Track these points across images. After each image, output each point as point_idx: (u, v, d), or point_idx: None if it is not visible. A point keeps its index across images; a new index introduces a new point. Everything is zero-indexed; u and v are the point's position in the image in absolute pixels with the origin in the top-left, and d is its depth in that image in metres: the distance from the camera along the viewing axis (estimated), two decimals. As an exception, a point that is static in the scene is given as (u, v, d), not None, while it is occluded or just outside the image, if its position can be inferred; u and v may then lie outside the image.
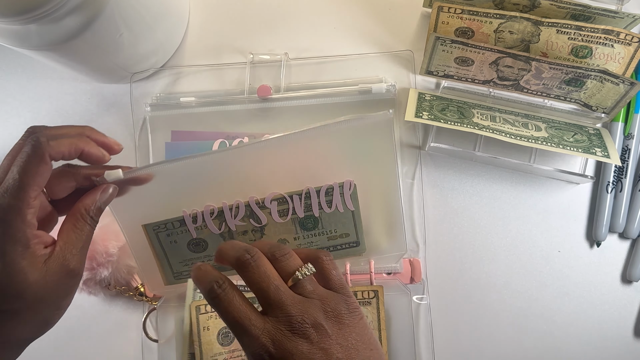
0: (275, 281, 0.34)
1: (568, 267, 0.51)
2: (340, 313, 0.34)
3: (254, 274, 0.34)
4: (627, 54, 0.47)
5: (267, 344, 0.32)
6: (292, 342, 0.32)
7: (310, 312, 0.33)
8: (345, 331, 0.34)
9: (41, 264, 0.34)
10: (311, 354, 0.32)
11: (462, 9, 0.47)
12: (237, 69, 0.53)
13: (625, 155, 0.50)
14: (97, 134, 0.38)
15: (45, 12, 0.36)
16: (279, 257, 0.35)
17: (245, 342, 0.33)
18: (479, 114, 0.49)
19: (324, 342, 0.33)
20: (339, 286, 0.36)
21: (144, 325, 0.50)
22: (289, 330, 0.32)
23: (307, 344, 0.32)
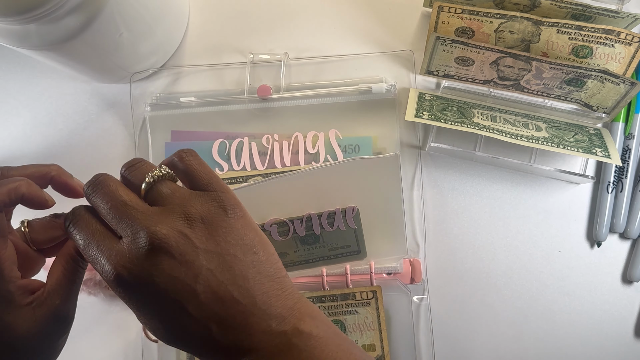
0: (121, 196, 0.29)
1: (568, 267, 0.51)
2: (209, 215, 0.29)
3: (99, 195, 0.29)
4: (627, 54, 0.47)
5: (119, 268, 0.27)
6: (148, 260, 0.27)
7: (168, 222, 0.28)
8: (218, 235, 0.28)
9: (29, 314, 0.32)
10: (173, 271, 0.27)
11: (463, 9, 0.47)
12: (237, 68, 0.53)
13: (625, 155, 0.50)
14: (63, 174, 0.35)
15: (45, 11, 0.36)
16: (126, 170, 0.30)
17: (98, 269, 0.29)
18: (479, 114, 0.48)
19: (188, 253, 0.28)
20: (206, 183, 0.30)
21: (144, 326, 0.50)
22: (143, 247, 0.27)
23: (167, 259, 0.27)
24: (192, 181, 0.30)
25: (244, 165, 0.51)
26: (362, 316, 0.47)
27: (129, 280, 0.27)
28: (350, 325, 0.47)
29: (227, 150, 0.51)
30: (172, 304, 0.28)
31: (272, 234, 0.42)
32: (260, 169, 0.50)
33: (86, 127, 0.54)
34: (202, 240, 0.28)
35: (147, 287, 0.28)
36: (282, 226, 0.41)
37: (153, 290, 0.27)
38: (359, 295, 0.47)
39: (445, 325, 0.50)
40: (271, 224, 0.41)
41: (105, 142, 0.53)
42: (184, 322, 0.28)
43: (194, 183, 0.30)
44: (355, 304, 0.47)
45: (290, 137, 0.51)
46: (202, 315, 0.28)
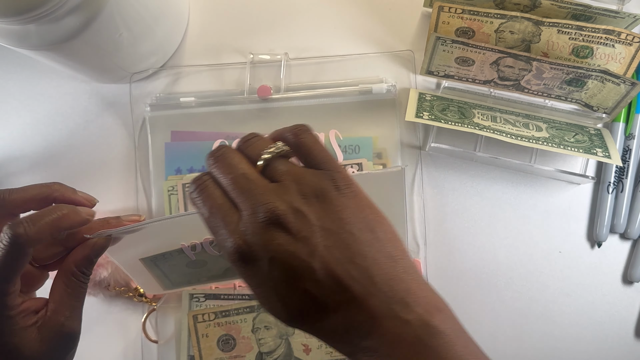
0: (240, 170, 0.29)
1: (569, 267, 0.51)
2: (324, 192, 0.29)
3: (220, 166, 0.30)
4: (628, 54, 0.47)
5: (239, 241, 0.27)
6: (266, 234, 0.27)
7: (284, 197, 0.28)
8: (333, 213, 0.28)
9: (35, 334, 0.32)
10: (290, 245, 0.27)
11: (463, 9, 0.47)
12: (237, 69, 0.53)
13: (626, 155, 0.50)
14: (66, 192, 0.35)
15: (45, 12, 0.36)
16: (243, 144, 0.31)
17: (220, 242, 0.29)
18: (479, 114, 0.48)
19: (304, 229, 0.27)
20: (322, 161, 0.30)
21: (144, 326, 0.50)
22: (262, 222, 0.27)
23: (284, 234, 0.27)
24: (307, 158, 0.30)
25: (244, 166, 0.51)
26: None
27: (248, 254, 0.27)
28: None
29: (227, 151, 0.51)
30: (289, 279, 0.27)
31: None
32: (260, 169, 0.50)
33: (86, 127, 0.54)
34: (317, 217, 0.28)
35: (264, 261, 0.27)
36: None
37: (270, 264, 0.27)
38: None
39: (445, 326, 0.50)
40: None
41: (105, 142, 0.53)
42: (301, 299, 0.27)
43: (309, 160, 0.30)
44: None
45: (290, 138, 0.51)
46: (320, 293, 0.27)
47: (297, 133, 0.31)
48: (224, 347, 0.48)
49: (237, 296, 0.49)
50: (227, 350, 0.48)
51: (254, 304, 0.48)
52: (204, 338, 0.48)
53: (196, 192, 0.30)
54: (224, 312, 0.48)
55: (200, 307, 0.48)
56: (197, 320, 0.48)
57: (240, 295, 0.49)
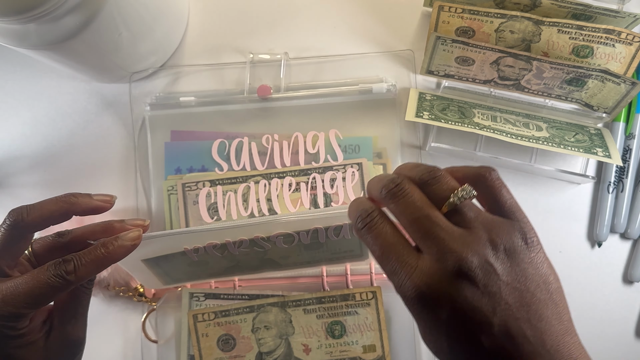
0: (426, 210, 0.28)
1: (569, 267, 0.51)
2: (514, 246, 0.27)
3: (401, 204, 0.28)
4: (628, 54, 0.47)
5: (422, 286, 0.27)
6: (453, 285, 0.26)
7: (475, 248, 0.27)
8: (519, 269, 0.27)
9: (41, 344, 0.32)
10: (475, 300, 0.26)
11: (463, 9, 0.47)
12: (237, 68, 0.53)
13: (626, 155, 0.50)
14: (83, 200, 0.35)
15: (44, 11, 0.36)
16: (429, 181, 0.29)
17: (395, 281, 0.28)
18: (479, 113, 0.48)
19: (491, 285, 0.26)
20: (510, 210, 0.29)
21: (143, 326, 0.50)
22: (449, 271, 0.26)
23: (471, 287, 0.26)
24: (495, 204, 0.29)
25: (243, 165, 0.51)
26: (362, 317, 0.47)
27: (429, 299, 0.27)
28: (350, 325, 0.47)
29: (226, 150, 0.51)
30: (466, 330, 0.27)
31: (277, 244, 0.42)
32: (260, 169, 0.50)
33: (85, 126, 0.53)
34: (505, 273, 0.27)
35: (445, 310, 0.27)
36: (288, 237, 0.41)
37: (451, 313, 0.27)
38: (358, 296, 0.47)
39: (445, 326, 0.50)
40: (277, 236, 0.41)
41: (105, 141, 0.53)
42: (472, 350, 0.27)
43: (496, 207, 0.29)
44: (355, 304, 0.47)
45: (290, 137, 0.51)
46: (492, 347, 0.27)
47: (488, 176, 0.29)
48: (223, 346, 0.48)
49: (237, 296, 0.49)
50: (227, 350, 0.48)
51: (254, 303, 0.48)
52: (203, 338, 0.48)
53: (365, 228, 0.29)
54: (224, 312, 0.48)
55: (200, 307, 0.48)
56: (197, 320, 0.48)
57: (240, 295, 0.49)
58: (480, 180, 0.29)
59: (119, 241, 0.32)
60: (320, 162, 0.50)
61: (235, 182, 0.50)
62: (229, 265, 0.44)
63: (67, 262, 0.31)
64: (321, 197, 0.50)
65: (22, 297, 0.30)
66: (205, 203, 0.50)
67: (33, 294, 0.30)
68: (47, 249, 0.35)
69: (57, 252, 0.35)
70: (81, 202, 0.34)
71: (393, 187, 0.29)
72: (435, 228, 0.27)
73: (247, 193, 0.50)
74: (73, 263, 0.31)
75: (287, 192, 0.50)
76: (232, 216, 0.50)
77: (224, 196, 0.50)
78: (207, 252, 0.41)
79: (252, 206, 0.50)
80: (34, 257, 0.35)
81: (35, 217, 0.33)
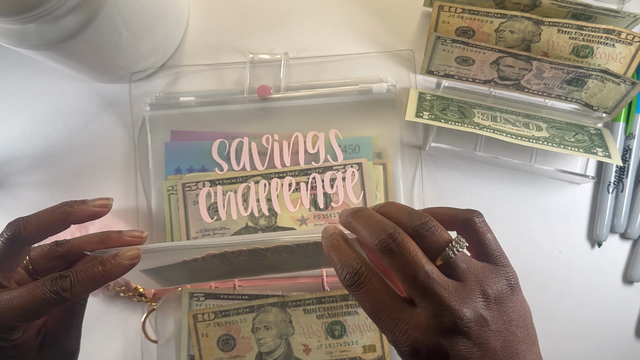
0: (424, 267, 0.28)
1: (569, 267, 0.51)
2: (502, 294, 0.29)
3: (398, 260, 0.28)
4: (628, 54, 0.47)
5: (417, 342, 0.27)
6: (448, 340, 0.27)
7: (470, 303, 0.28)
8: (505, 315, 0.29)
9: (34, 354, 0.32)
10: (467, 352, 0.27)
11: (463, 9, 0.47)
12: (237, 68, 0.53)
13: (626, 155, 0.50)
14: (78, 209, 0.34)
15: (44, 11, 0.36)
16: (422, 232, 0.29)
17: (389, 337, 0.29)
18: (479, 113, 0.48)
19: (482, 335, 0.28)
20: (496, 255, 0.30)
21: (143, 326, 0.50)
22: (445, 327, 0.27)
23: (465, 340, 0.27)
24: (482, 250, 0.30)
25: (243, 165, 0.51)
26: (362, 317, 0.47)
27: (424, 354, 0.27)
28: (350, 325, 0.47)
29: (226, 150, 0.51)
30: None
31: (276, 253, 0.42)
32: (260, 169, 0.50)
33: (85, 126, 0.53)
34: (494, 321, 0.28)
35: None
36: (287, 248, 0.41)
37: None
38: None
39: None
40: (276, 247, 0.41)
41: (105, 141, 0.53)
42: None
43: (483, 252, 0.30)
44: (355, 304, 0.47)
45: (290, 137, 0.51)
46: None
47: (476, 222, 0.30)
48: (223, 346, 0.48)
49: (237, 296, 0.49)
50: (227, 350, 0.48)
51: (254, 303, 0.48)
52: (203, 338, 0.48)
53: (354, 286, 0.29)
54: (224, 312, 0.48)
55: (200, 307, 0.48)
56: (197, 320, 0.48)
57: (240, 295, 0.49)
58: (469, 225, 0.30)
59: (117, 259, 0.32)
60: (320, 162, 0.50)
61: (235, 182, 0.50)
62: (229, 270, 0.44)
63: (64, 279, 0.31)
64: (321, 197, 0.50)
65: (15, 311, 0.30)
66: (205, 203, 0.50)
67: (27, 308, 0.30)
68: (44, 257, 0.34)
69: (54, 261, 0.34)
70: (77, 211, 0.34)
71: (390, 242, 0.29)
72: (432, 284, 0.28)
73: (247, 193, 0.50)
74: (70, 280, 0.31)
75: (287, 192, 0.50)
76: (232, 216, 0.50)
77: (224, 196, 0.50)
78: (206, 261, 0.41)
79: (252, 206, 0.50)
80: (30, 265, 0.34)
81: (32, 230, 0.32)
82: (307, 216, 0.50)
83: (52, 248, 0.34)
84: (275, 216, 0.50)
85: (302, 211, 0.50)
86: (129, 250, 0.32)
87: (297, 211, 0.50)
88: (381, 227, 0.29)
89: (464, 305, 0.27)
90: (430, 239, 0.29)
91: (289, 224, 0.50)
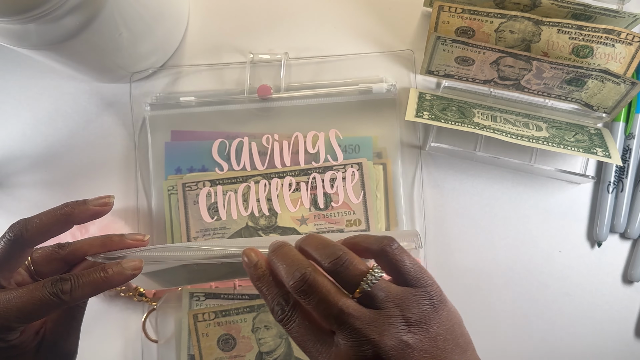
0: (337, 304, 0.29)
1: (569, 267, 0.51)
2: (424, 315, 0.29)
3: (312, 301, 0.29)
4: (628, 54, 0.47)
5: None
6: None
7: (390, 331, 0.28)
8: (430, 334, 0.29)
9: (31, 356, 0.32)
10: None
11: (463, 9, 0.47)
12: (237, 68, 0.53)
13: (626, 155, 0.50)
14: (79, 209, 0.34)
15: (45, 11, 0.36)
16: (337, 269, 0.30)
17: None
18: (479, 113, 0.48)
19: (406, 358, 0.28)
20: (415, 277, 0.30)
21: (144, 326, 0.50)
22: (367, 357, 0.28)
23: None
24: (400, 276, 0.30)
25: (244, 165, 0.51)
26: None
27: None
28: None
29: (227, 150, 0.51)
30: None
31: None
32: (260, 168, 0.50)
33: (86, 126, 0.54)
34: (418, 343, 0.28)
35: None
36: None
37: None
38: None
39: (445, 326, 0.50)
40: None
41: (105, 141, 0.53)
42: None
43: (401, 278, 0.30)
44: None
45: (290, 137, 0.51)
46: None
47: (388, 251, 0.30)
48: (224, 346, 0.48)
49: (237, 296, 0.49)
50: (227, 349, 0.48)
51: (254, 303, 0.48)
52: (204, 337, 0.48)
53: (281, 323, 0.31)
54: (224, 312, 0.48)
55: (201, 307, 0.48)
56: (197, 320, 0.48)
57: (240, 295, 0.49)
58: (383, 254, 0.30)
59: (119, 267, 0.32)
60: (320, 162, 0.50)
61: (236, 182, 0.50)
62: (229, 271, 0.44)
63: (64, 282, 0.31)
64: (321, 196, 0.50)
65: (14, 311, 0.30)
66: (205, 203, 0.50)
67: (25, 309, 0.30)
68: (46, 259, 0.34)
69: (55, 263, 0.34)
70: (78, 212, 0.34)
71: (302, 285, 0.29)
72: (350, 319, 0.28)
73: (247, 193, 0.50)
74: (70, 283, 0.31)
75: (287, 192, 0.50)
76: (233, 216, 0.50)
77: (224, 196, 0.50)
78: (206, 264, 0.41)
79: (253, 206, 0.50)
80: (32, 267, 0.34)
81: (34, 232, 0.32)
82: (307, 216, 0.50)
83: (54, 250, 0.34)
84: (275, 216, 0.50)
85: (303, 211, 0.50)
86: (131, 261, 0.33)
87: (297, 211, 0.50)
88: (294, 267, 0.30)
89: (383, 334, 0.28)
90: (345, 274, 0.30)
91: (289, 223, 0.50)
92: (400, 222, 0.50)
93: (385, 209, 0.50)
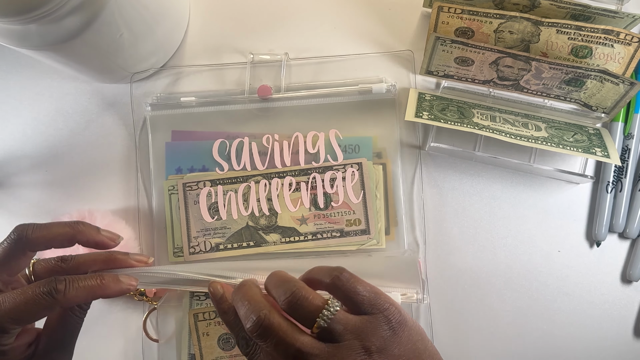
0: (294, 344, 0.29)
1: (568, 267, 0.51)
2: (384, 341, 0.29)
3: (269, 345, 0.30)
4: (627, 54, 0.47)
5: None
6: None
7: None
8: (391, 356, 0.29)
9: None
10: None
11: (462, 9, 0.47)
12: (237, 69, 0.53)
13: (625, 155, 0.50)
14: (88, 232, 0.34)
15: (46, 12, 0.36)
16: (293, 306, 0.30)
17: None
18: (479, 113, 0.49)
19: None
20: (370, 304, 0.30)
21: (144, 325, 0.50)
22: None
23: None
24: (355, 306, 0.30)
25: (244, 165, 0.51)
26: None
27: None
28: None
29: (227, 150, 0.51)
30: None
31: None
32: (261, 168, 0.51)
33: (86, 127, 0.54)
34: None
35: None
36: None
37: None
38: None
39: (445, 325, 0.50)
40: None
41: (106, 141, 0.53)
42: None
43: (356, 307, 0.30)
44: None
45: (290, 137, 0.51)
46: None
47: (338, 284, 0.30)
48: (224, 345, 0.48)
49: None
50: (227, 349, 0.48)
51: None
52: (204, 337, 0.48)
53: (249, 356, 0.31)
54: (224, 311, 0.48)
55: (201, 306, 0.49)
56: (198, 319, 0.48)
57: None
58: (335, 286, 0.31)
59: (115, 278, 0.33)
60: (320, 162, 0.50)
61: (236, 181, 0.50)
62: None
63: (59, 282, 0.31)
64: (321, 196, 0.50)
65: (6, 312, 0.30)
66: (205, 203, 0.50)
67: (18, 309, 0.30)
68: (49, 272, 0.34)
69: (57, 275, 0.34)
70: (87, 233, 0.34)
71: (258, 329, 0.30)
72: (307, 357, 0.29)
73: (247, 193, 0.50)
74: (65, 284, 0.31)
75: (287, 191, 0.50)
76: (233, 216, 0.50)
77: (224, 196, 0.50)
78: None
79: (253, 205, 0.50)
80: (33, 277, 0.34)
81: (39, 236, 0.33)
82: (307, 216, 0.50)
83: (57, 264, 0.34)
84: (275, 216, 0.50)
85: (303, 211, 0.50)
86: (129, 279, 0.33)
87: (297, 211, 0.50)
88: (251, 310, 0.30)
89: None
90: (301, 311, 0.30)
91: (290, 223, 0.50)
92: (400, 222, 0.50)
93: (385, 209, 0.50)
